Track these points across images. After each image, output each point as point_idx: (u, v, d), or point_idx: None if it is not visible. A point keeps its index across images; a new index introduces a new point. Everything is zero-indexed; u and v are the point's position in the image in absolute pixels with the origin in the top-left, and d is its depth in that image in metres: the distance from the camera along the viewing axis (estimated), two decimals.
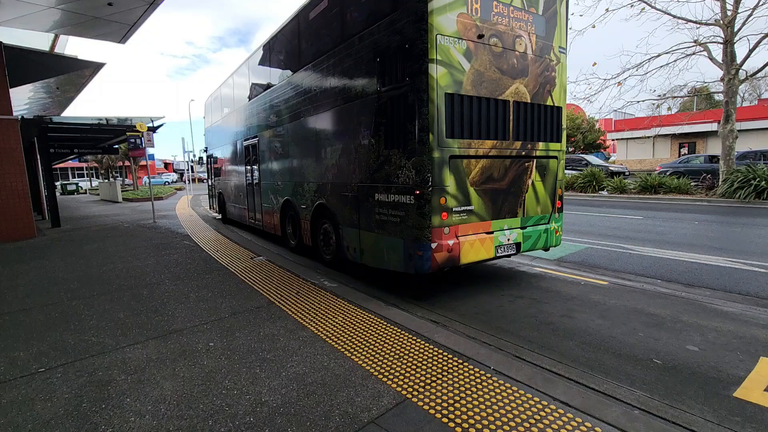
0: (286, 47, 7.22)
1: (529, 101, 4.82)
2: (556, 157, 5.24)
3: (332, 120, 5.68)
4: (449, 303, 4.52)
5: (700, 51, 12.51)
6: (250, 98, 8.97)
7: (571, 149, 40.87)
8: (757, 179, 11.38)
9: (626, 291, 4.81)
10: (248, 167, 9.25)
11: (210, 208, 13.95)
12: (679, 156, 29.37)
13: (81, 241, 8.78)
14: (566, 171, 19.37)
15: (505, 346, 3.25)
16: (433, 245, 4.17)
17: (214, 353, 3.14)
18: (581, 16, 27.72)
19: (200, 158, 15.47)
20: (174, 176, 54.74)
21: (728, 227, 8.74)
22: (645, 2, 12.60)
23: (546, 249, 5.39)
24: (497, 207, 4.72)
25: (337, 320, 3.75)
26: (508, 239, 4.81)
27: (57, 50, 11.88)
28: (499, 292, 4.87)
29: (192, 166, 31.12)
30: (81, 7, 8.91)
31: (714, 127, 12.23)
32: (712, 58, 12.45)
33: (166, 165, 63.88)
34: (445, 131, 4.12)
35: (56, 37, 11.27)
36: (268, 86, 7.87)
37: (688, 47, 12.64)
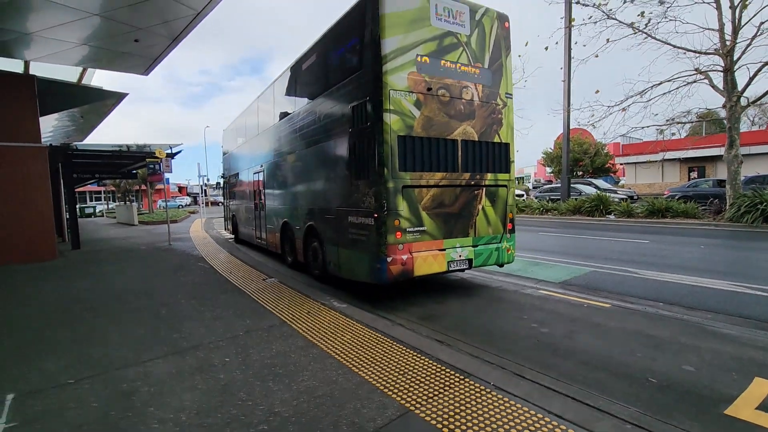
0: (286, 90, 8.37)
1: (476, 139, 5.72)
2: (505, 186, 6.08)
3: (319, 154, 6.66)
4: (454, 323, 4.67)
5: (702, 79, 12.79)
6: (257, 132, 10.12)
7: (579, 173, 40.94)
8: (764, 204, 11.39)
9: (628, 313, 4.91)
10: (256, 192, 10.36)
11: (225, 229, 15.04)
12: (689, 180, 29.28)
13: (100, 263, 9.13)
14: (577, 192, 19.40)
15: (506, 365, 3.39)
16: (389, 259, 4.99)
17: (230, 368, 3.34)
18: (584, 46, 28.35)
19: (217, 183, 16.91)
20: (188, 199, 55.90)
21: (734, 251, 8.76)
22: (645, 33, 13.02)
23: (500, 265, 6.16)
24: (449, 228, 5.52)
25: (345, 338, 3.94)
26: (460, 255, 5.58)
27: (84, 81, 12.62)
28: (503, 314, 5.01)
29: (205, 190, 32.01)
30: (109, 44, 9.56)
31: (722, 151, 12.38)
32: (713, 86, 12.71)
33: (180, 189, 65.30)
34: (398, 166, 5.04)
35: (84, 69, 11.99)
36: (282, 117, 8.51)
37: (690, 75, 12.94)
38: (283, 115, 8.29)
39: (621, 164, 41.95)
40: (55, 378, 3.26)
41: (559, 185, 21.78)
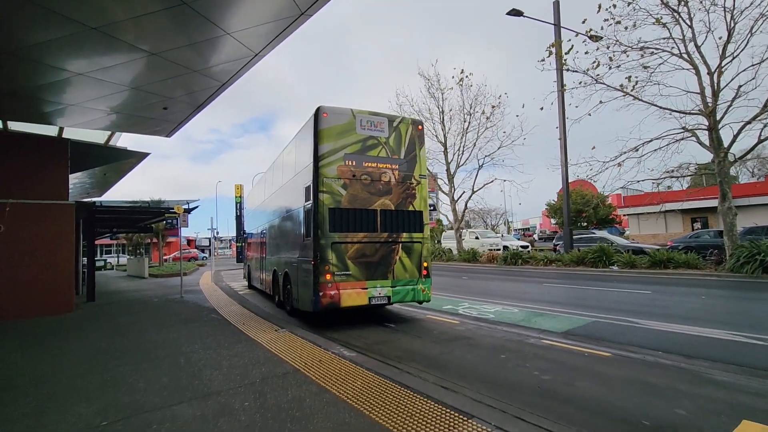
0: (275, 171, 10.93)
1: (393, 209, 7.60)
2: (420, 242, 7.78)
3: (291, 219, 8.91)
4: (459, 371, 4.89)
5: (689, 136, 13.55)
6: (263, 199, 12.73)
7: (584, 224, 41.31)
8: (762, 254, 11.63)
9: (628, 362, 5.09)
10: (260, 246, 12.69)
11: (243, 277, 17.06)
12: (692, 230, 29.49)
13: (116, 315, 9.42)
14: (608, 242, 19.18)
15: (507, 408, 3.60)
16: (320, 293, 6.86)
17: (249, 411, 3.59)
18: (577, 107, 29.54)
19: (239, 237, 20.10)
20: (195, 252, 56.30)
21: (734, 301, 8.90)
22: (632, 95, 14.01)
23: (419, 302, 7.81)
24: (370, 272, 7.29)
25: (356, 385, 4.18)
26: (380, 293, 7.30)
27: (111, 142, 13.60)
28: (507, 363, 5.21)
29: (213, 243, 32.60)
30: (138, 111, 10.47)
31: None
32: (701, 143, 13.44)
33: (189, 241, 66.07)
34: (329, 228, 7.02)
35: (112, 132, 12.97)
36: (274, 191, 11.02)
37: (678, 133, 13.73)
38: (275, 189, 10.91)
39: (624, 215, 42.36)
40: (90, 420, 3.53)
41: (582, 235, 22.15)
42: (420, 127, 8.16)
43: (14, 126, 10.78)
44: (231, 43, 7.36)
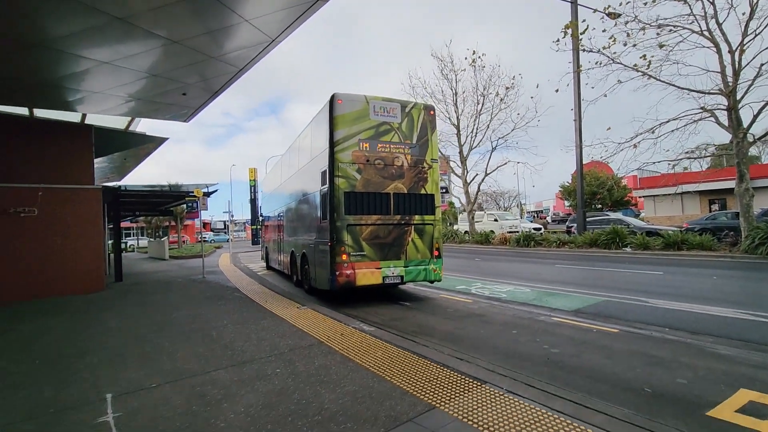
0: (291, 157, 11.41)
1: (406, 192, 7.90)
2: (432, 224, 8.09)
3: (308, 202, 9.23)
4: (473, 344, 5.19)
5: (708, 117, 13.34)
6: (280, 183, 13.15)
7: (598, 206, 40.92)
8: None
9: (634, 337, 5.32)
10: (278, 228, 13.18)
11: (262, 258, 17.43)
12: (710, 212, 29.06)
13: (145, 293, 9.96)
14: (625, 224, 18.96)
15: (517, 376, 3.89)
16: (337, 273, 7.26)
17: (282, 376, 3.96)
18: (593, 88, 28.93)
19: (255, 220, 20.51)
20: (212, 235, 57.61)
21: (745, 282, 8.99)
22: (649, 74, 13.78)
23: (430, 281, 8.20)
24: (384, 253, 7.65)
25: (377, 355, 4.51)
26: (393, 273, 7.67)
27: (131, 128, 13.99)
28: (518, 338, 5.49)
29: (228, 226, 33.43)
30: (157, 96, 10.76)
31: None
32: (719, 123, 13.22)
33: (204, 224, 67.39)
34: (344, 211, 7.37)
35: (132, 117, 13.33)
36: (290, 175, 11.43)
37: (696, 113, 13.51)
38: (291, 173, 11.24)
39: (639, 197, 41.77)
40: (140, 383, 3.93)
41: (596, 217, 22.14)
42: (432, 112, 8.35)
43: (38, 113, 11.19)
44: (248, 30, 7.53)
